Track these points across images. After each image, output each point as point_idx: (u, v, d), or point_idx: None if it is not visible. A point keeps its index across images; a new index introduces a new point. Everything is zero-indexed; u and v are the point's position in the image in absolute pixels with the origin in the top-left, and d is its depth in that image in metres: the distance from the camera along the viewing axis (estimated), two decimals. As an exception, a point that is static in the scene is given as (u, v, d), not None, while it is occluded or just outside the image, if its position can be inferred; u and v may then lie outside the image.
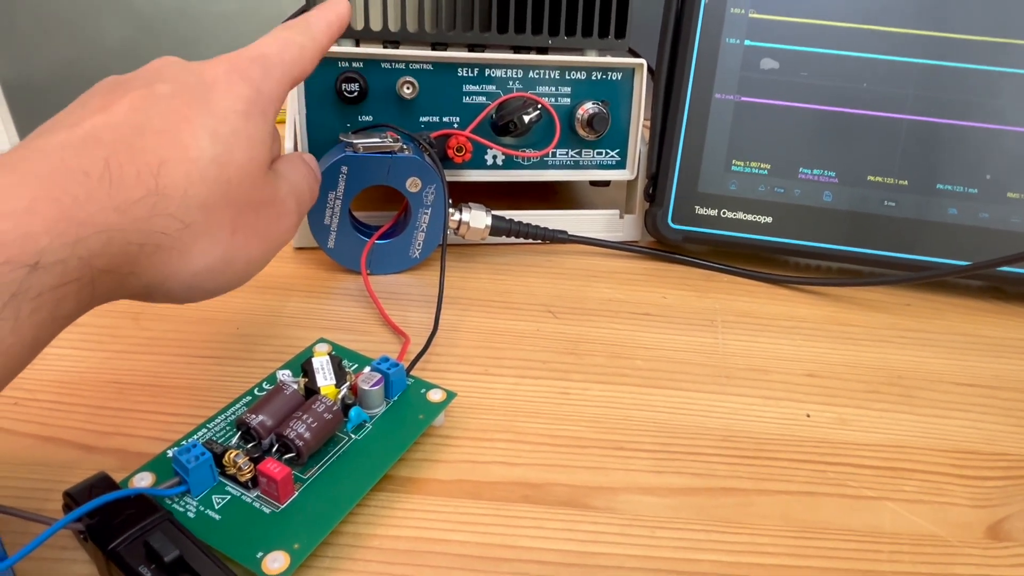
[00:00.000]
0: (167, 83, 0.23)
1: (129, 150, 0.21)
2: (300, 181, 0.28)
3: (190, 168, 0.22)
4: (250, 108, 0.24)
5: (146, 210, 0.20)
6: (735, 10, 0.42)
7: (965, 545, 0.26)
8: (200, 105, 0.23)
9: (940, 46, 0.41)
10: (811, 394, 0.33)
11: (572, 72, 0.42)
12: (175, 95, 0.23)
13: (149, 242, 0.21)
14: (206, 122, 0.22)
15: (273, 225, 0.26)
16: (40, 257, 0.18)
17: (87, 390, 0.30)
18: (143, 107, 0.22)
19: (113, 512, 0.21)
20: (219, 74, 0.24)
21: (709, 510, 0.27)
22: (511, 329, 0.37)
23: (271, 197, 0.25)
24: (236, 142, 0.23)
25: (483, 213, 0.41)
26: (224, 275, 0.24)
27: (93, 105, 0.22)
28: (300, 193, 0.28)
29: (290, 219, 0.27)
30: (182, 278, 0.22)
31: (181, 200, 0.21)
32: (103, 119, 0.21)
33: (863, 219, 0.43)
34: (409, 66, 0.40)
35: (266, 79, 0.25)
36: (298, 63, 0.27)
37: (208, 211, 0.22)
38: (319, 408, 0.25)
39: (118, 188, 0.20)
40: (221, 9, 0.76)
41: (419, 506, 0.26)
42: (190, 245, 0.22)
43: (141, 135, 0.21)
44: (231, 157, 0.23)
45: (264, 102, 0.25)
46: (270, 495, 0.23)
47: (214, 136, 0.22)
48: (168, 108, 0.22)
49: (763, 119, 0.43)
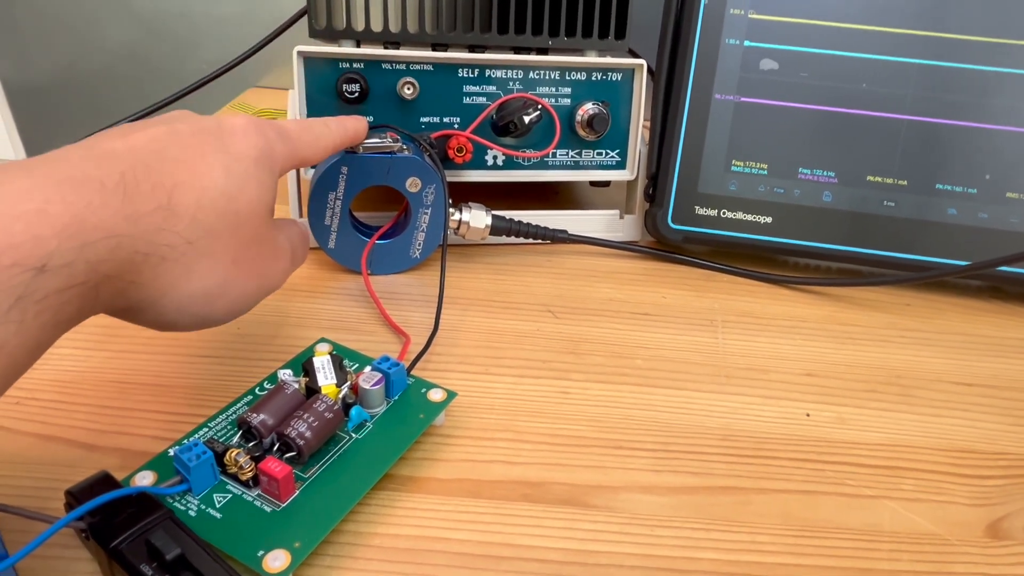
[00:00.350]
0: (187, 124, 0.24)
1: (145, 169, 0.21)
2: (295, 237, 0.29)
3: (201, 195, 0.22)
4: (261, 157, 0.25)
5: (156, 223, 0.21)
6: (735, 11, 0.42)
7: (964, 544, 0.26)
8: (217, 144, 0.24)
9: (939, 46, 0.41)
10: (810, 393, 0.34)
11: (572, 73, 0.42)
12: (194, 134, 0.24)
13: (155, 253, 0.21)
14: (221, 158, 0.24)
15: (270, 265, 0.27)
16: (48, 260, 0.18)
17: (89, 389, 0.30)
18: (163, 139, 0.23)
19: (115, 511, 0.21)
20: (237, 124, 0.25)
21: (708, 509, 0.27)
22: (511, 329, 0.37)
23: (272, 239, 0.27)
24: (247, 182, 0.24)
25: (483, 213, 0.42)
26: (217, 302, 0.24)
27: (112, 135, 0.23)
28: (296, 246, 0.29)
29: (285, 264, 0.28)
30: (178, 296, 0.23)
31: (190, 222, 0.22)
32: (122, 144, 0.22)
33: (863, 219, 0.43)
34: (410, 67, 0.40)
35: (280, 143, 0.27)
36: (310, 147, 0.29)
37: (214, 237, 0.23)
38: (320, 407, 0.25)
39: (131, 199, 0.20)
40: (222, 12, 0.76)
41: (419, 505, 0.26)
42: (193, 264, 0.22)
43: (159, 159, 0.22)
44: (241, 193, 0.24)
45: (274, 159, 0.26)
46: (271, 494, 0.23)
47: (228, 172, 0.23)
48: (187, 143, 0.23)
49: (763, 119, 0.43)
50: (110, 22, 0.74)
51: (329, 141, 0.31)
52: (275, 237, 0.27)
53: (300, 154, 0.28)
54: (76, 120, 0.82)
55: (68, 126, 0.82)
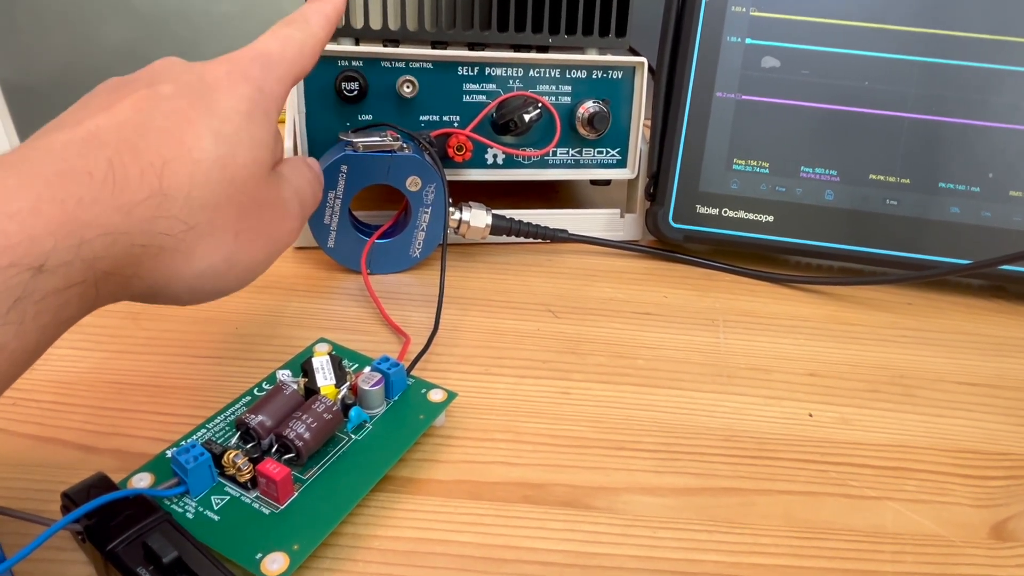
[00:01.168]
0: (169, 83, 0.23)
1: (132, 151, 0.21)
2: (303, 184, 0.28)
3: (194, 169, 0.22)
4: (253, 108, 0.24)
5: (150, 211, 0.20)
6: (736, 8, 0.42)
7: (968, 545, 0.26)
8: (203, 105, 0.23)
9: (941, 44, 0.41)
10: (813, 393, 0.33)
11: (572, 71, 0.42)
12: (178, 95, 0.23)
13: (153, 244, 0.21)
14: (209, 123, 0.22)
15: (276, 227, 0.26)
16: (45, 260, 0.18)
17: (86, 390, 0.30)
18: (146, 107, 0.22)
19: (112, 513, 0.21)
20: (221, 74, 0.24)
21: (711, 510, 0.26)
22: (512, 329, 0.37)
23: (275, 198, 0.25)
24: (239, 143, 0.23)
25: (483, 212, 0.41)
26: (227, 277, 0.24)
27: (95, 105, 0.22)
28: (303, 196, 0.28)
29: (293, 221, 0.27)
30: (185, 280, 0.22)
31: (185, 201, 0.21)
32: (105, 118, 0.21)
33: (865, 218, 0.43)
34: (409, 65, 0.40)
35: (268, 78, 0.25)
36: (299, 60, 0.27)
37: (212, 212, 0.22)
38: (319, 408, 0.25)
39: (122, 189, 0.20)
40: (221, 9, 0.76)
41: (419, 507, 0.26)
42: (193, 246, 0.22)
43: (144, 135, 0.21)
44: (234, 158, 0.23)
45: (267, 101, 0.25)
46: (269, 496, 0.23)
47: (217, 137, 0.22)
48: (171, 108, 0.22)
49: (764, 118, 0.43)
50: (109, 21, 0.74)
51: (315, 41, 0.27)
52: (279, 195, 0.26)
53: (292, 74, 0.26)
54: (75, 119, 0.82)
55: (67, 125, 0.82)
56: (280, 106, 0.26)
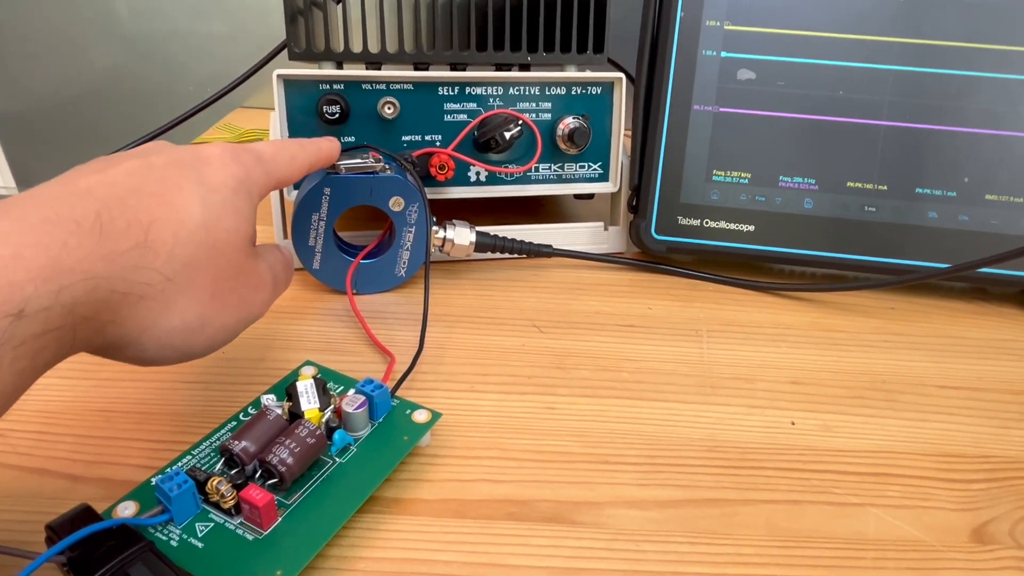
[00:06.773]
0: (162, 156, 0.24)
1: (121, 205, 0.21)
2: (277, 264, 0.29)
3: (178, 229, 0.22)
4: (239, 186, 0.25)
5: (133, 260, 0.21)
6: (710, 22, 0.42)
7: (949, 549, 0.26)
8: (194, 176, 0.24)
9: (915, 52, 0.42)
10: (796, 401, 0.34)
11: (552, 88, 0.43)
12: (170, 165, 0.24)
13: (133, 292, 0.21)
14: (197, 190, 0.24)
15: (250, 296, 0.26)
16: (25, 305, 0.18)
17: (73, 419, 0.30)
18: (139, 173, 0.23)
19: (95, 544, 0.21)
20: (214, 153, 0.25)
21: (694, 522, 0.27)
22: (497, 345, 0.37)
23: (251, 269, 0.27)
24: (224, 211, 0.24)
25: (467, 230, 0.42)
26: (197, 337, 0.24)
27: (87, 170, 0.23)
28: (277, 273, 0.29)
29: (266, 294, 0.28)
30: (158, 333, 0.23)
31: (168, 257, 0.22)
32: (98, 179, 0.22)
33: (845, 225, 0.43)
34: (390, 86, 0.41)
35: (256, 168, 0.27)
36: (288, 166, 0.29)
37: (192, 270, 0.23)
38: (302, 433, 0.25)
39: (107, 238, 0.20)
40: (209, 31, 0.77)
41: (404, 527, 0.26)
42: (172, 300, 0.22)
43: (135, 195, 0.22)
44: (219, 223, 0.24)
45: (252, 184, 0.26)
46: (253, 521, 0.23)
47: (204, 203, 0.24)
48: (162, 176, 0.23)
49: (742, 129, 0.43)
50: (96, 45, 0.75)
51: (304, 161, 0.31)
52: (255, 267, 0.27)
53: (277, 175, 0.29)
54: (64, 143, 0.82)
55: (56, 149, 0.82)
56: (262, 195, 0.28)
